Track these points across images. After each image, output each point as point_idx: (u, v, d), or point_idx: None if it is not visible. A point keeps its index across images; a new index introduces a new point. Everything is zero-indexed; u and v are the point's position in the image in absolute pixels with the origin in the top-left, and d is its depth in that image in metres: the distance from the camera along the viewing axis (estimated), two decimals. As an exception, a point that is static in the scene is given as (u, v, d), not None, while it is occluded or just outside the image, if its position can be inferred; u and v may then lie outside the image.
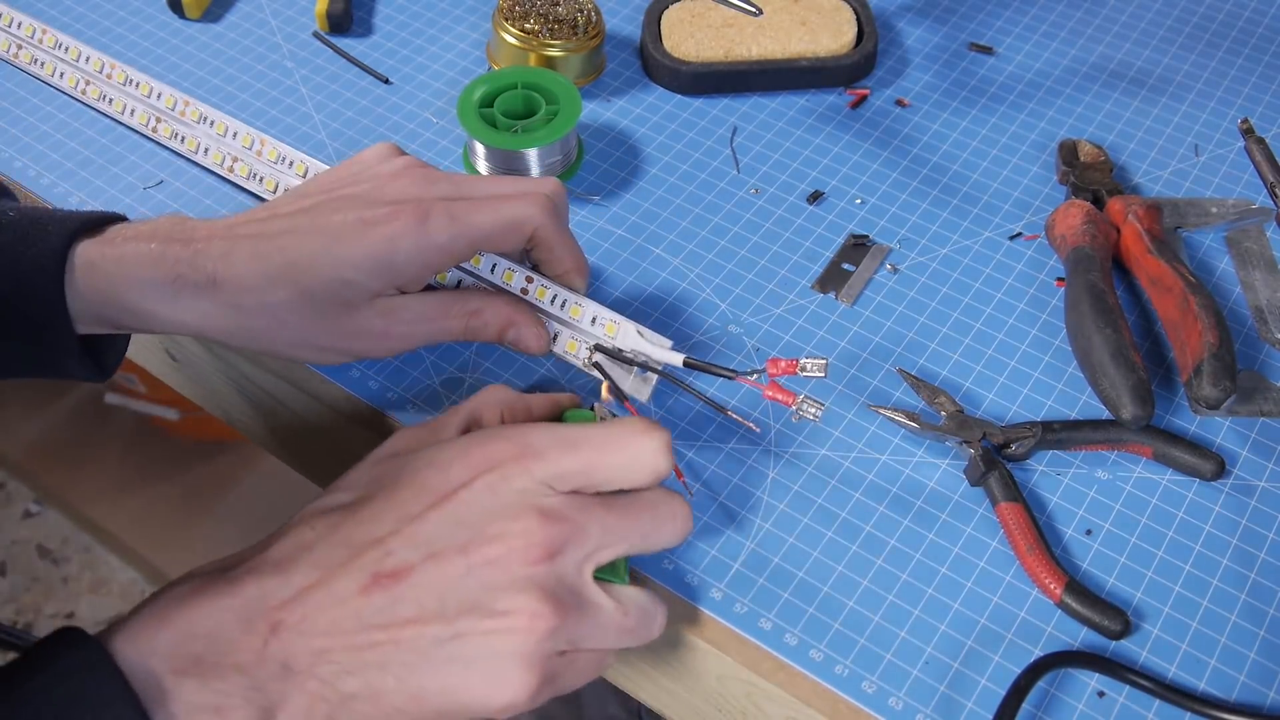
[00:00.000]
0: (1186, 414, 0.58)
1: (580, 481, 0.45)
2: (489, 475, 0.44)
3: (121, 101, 0.70)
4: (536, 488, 0.44)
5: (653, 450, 0.45)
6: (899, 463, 0.56)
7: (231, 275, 0.51)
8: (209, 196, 0.68)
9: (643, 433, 0.45)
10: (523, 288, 0.58)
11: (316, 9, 0.77)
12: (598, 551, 0.45)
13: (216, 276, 0.51)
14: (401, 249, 0.51)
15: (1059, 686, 0.50)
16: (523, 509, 0.43)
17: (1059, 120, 0.73)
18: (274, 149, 0.66)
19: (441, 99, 0.74)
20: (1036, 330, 0.62)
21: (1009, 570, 0.53)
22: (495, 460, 0.44)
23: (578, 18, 0.72)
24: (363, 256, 0.51)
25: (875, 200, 0.68)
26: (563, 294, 0.57)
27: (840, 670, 0.50)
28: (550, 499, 0.44)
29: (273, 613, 0.42)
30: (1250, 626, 0.51)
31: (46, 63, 0.73)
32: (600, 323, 0.57)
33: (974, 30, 0.78)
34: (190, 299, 0.51)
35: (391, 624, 0.42)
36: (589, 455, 0.45)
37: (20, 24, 0.74)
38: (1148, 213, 0.63)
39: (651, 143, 0.71)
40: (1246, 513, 0.55)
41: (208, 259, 0.51)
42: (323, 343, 0.54)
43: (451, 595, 0.42)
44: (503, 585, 0.42)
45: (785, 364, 0.53)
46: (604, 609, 0.45)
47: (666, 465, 0.46)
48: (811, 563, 0.53)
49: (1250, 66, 0.76)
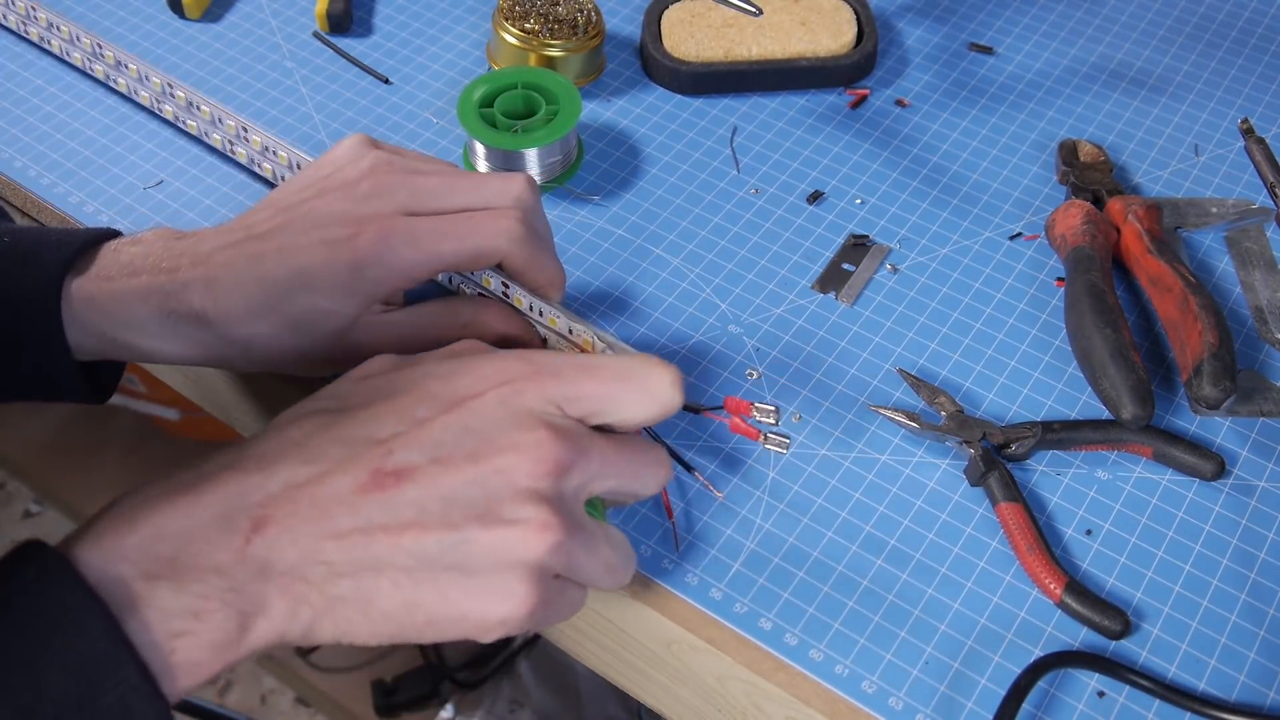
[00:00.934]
0: (1186, 414, 0.58)
1: (592, 407, 0.44)
2: (502, 389, 0.43)
3: (125, 82, 0.70)
4: (547, 407, 0.43)
5: (668, 382, 0.45)
6: (899, 463, 0.56)
7: (218, 311, 0.50)
8: (210, 196, 0.68)
9: (657, 366, 0.45)
10: (502, 291, 0.57)
11: (316, 9, 0.77)
12: (593, 481, 0.44)
13: (204, 312, 0.50)
14: (367, 275, 0.50)
15: (1059, 686, 0.50)
16: (535, 422, 0.42)
17: (1059, 120, 0.73)
18: (258, 138, 0.65)
19: (441, 99, 0.74)
20: (1036, 330, 0.62)
21: (1009, 570, 0.53)
22: (509, 375, 0.44)
23: (578, 18, 0.72)
24: (331, 285, 0.50)
25: (875, 200, 0.68)
26: (539, 303, 0.56)
27: (840, 670, 0.50)
28: (560, 419, 0.43)
29: (256, 509, 0.40)
30: (1250, 626, 0.51)
31: (52, 40, 0.73)
32: (576, 334, 0.55)
33: (974, 30, 0.78)
34: (186, 332, 0.50)
35: (391, 525, 0.40)
36: (605, 381, 0.44)
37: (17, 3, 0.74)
38: (1148, 213, 0.63)
39: (651, 143, 0.71)
40: (1246, 513, 0.55)
41: (193, 293, 0.50)
42: (322, 360, 0.53)
43: (457, 501, 0.41)
44: (511, 495, 0.41)
45: (743, 405, 0.57)
46: (597, 537, 0.44)
47: (678, 399, 0.45)
48: (811, 563, 0.53)
49: (1250, 66, 0.76)
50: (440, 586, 0.41)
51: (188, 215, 0.67)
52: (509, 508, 0.41)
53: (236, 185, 0.68)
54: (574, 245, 0.65)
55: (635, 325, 0.62)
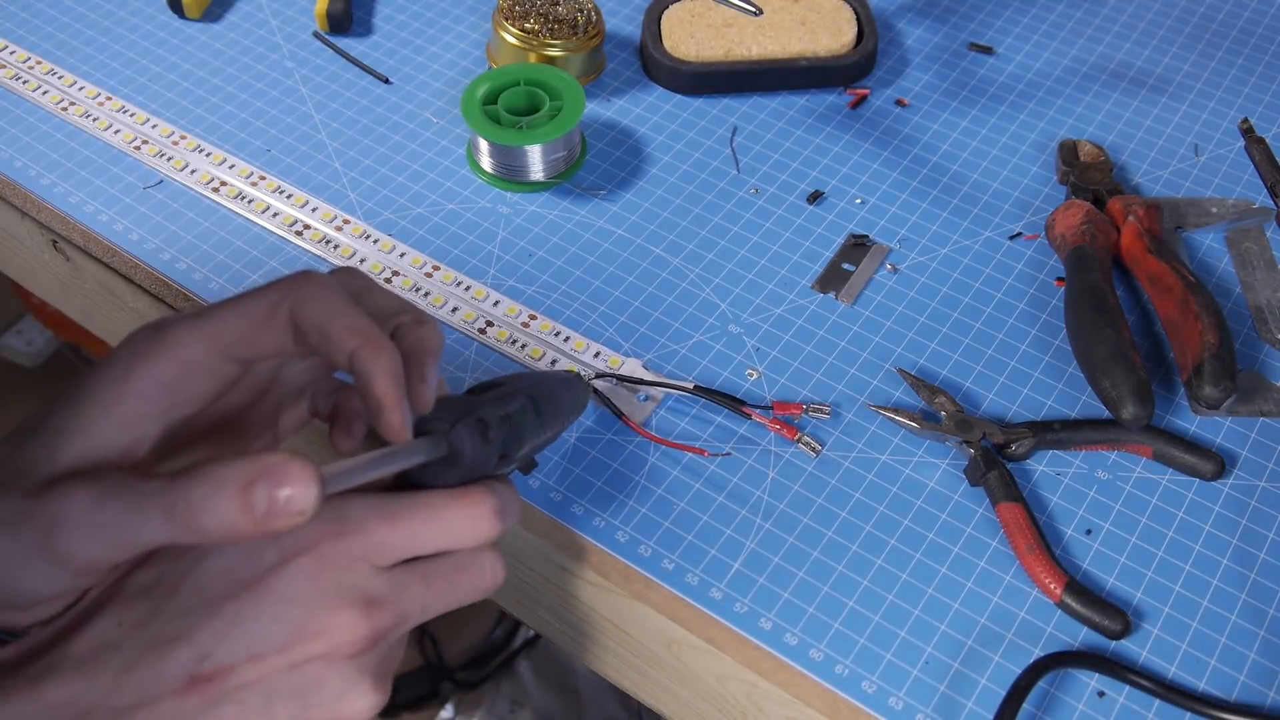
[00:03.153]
0: (1186, 414, 0.58)
1: (403, 552, 0.42)
2: (302, 559, 0.40)
3: (106, 120, 0.70)
4: (355, 568, 0.41)
5: (474, 518, 0.42)
6: (899, 463, 0.56)
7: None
8: (210, 195, 0.68)
9: (464, 500, 0.42)
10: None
11: (316, 9, 0.77)
12: (413, 624, 0.43)
13: None
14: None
15: (1059, 686, 0.50)
16: (342, 600, 0.40)
17: (1059, 120, 0.73)
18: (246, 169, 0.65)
19: (441, 99, 0.74)
20: (1036, 330, 0.62)
21: (1009, 570, 0.53)
22: (307, 543, 0.40)
23: (578, 17, 0.72)
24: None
25: (875, 200, 0.68)
26: (565, 330, 0.56)
27: (840, 670, 0.50)
28: (370, 582, 0.41)
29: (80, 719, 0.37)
30: (1250, 626, 0.51)
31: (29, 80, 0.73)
32: (603, 357, 0.56)
33: (974, 30, 0.78)
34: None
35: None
36: (412, 527, 0.42)
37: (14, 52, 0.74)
38: (1148, 213, 0.63)
39: (651, 143, 0.71)
40: (1246, 513, 0.55)
41: None
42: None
43: (277, 692, 0.40)
44: (329, 678, 0.40)
45: (791, 406, 0.57)
46: (431, 605, 0.43)
47: (492, 531, 0.42)
48: (811, 563, 0.53)
49: (1250, 66, 0.76)
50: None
51: (188, 215, 0.67)
52: (328, 689, 0.40)
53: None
54: (574, 245, 0.65)
55: (635, 325, 0.62)
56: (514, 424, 0.45)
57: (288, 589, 0.40)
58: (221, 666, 0.39)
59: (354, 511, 0.41)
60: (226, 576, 0.40)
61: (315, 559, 0.40)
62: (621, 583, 0.52)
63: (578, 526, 0.54)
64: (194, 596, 0.40)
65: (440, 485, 0.43)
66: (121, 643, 0.39)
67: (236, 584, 0.40)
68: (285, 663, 0.39)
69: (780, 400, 0.58)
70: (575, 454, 0.56)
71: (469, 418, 0.43)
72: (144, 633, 0.39)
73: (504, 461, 0.45)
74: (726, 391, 0.58)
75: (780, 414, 0.57)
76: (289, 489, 0.36)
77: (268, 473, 0.36)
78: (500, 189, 0.68)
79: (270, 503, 0.36)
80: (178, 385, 0.42)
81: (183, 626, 0.39)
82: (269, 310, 0.42)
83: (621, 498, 0.55)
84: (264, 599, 0.40)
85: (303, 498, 0.37)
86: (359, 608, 0.40)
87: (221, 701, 0.39)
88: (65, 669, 0.38)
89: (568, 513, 0.54)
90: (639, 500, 0.55)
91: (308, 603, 0.40)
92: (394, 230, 0.66)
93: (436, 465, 0.42)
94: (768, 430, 0.57)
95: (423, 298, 0.63)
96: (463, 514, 0.42)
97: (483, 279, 0.64)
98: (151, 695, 0.38)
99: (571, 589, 0.55)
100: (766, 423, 0.57)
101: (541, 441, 0.48)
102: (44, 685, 0.38)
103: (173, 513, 0.37)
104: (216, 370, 0.42)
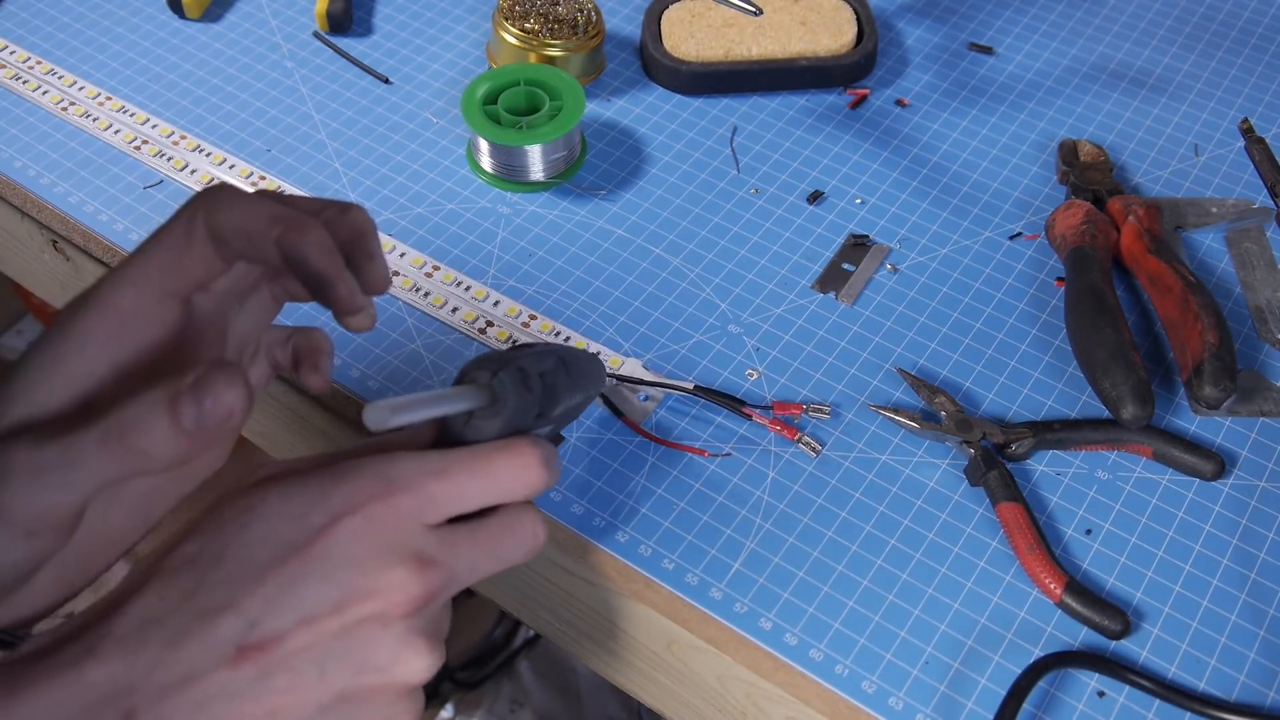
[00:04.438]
0: (1186, 414, 0.58)
1: (452, 508, 0.41)
2: (351, 519, 0.39)
3: (106, 120, 0.70)
4: (405, 527, 0.40)
5: (523, 467, 0.42)
6: (899, 463, 0.56)
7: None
8: (209, 196, 0.68)
9: (518, 453, 0.42)
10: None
11: (316, 9, 0.77)
12: (463, 584, 0.42)
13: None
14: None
15: (1059, 686, 0.50)
16: (394, 558, 0.40)
17: (1059, 120, 0.73)
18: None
19: (441, 99, 0.74)
20: (1036, 330, 0.62)
21: (1009, 570, 0.53)
22: (356, 500, 0.40)
23: (578, 17, 0.72)
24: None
25: (875, 200, 0.68)
26: (565, 329, 0.56)
27: (840, 670, 0.50)
28: (421, 540, 0.41)
29: (123, 699, 0.37)
30: (1250, 626, 0.51)
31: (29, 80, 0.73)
32: (604, 358, 0.56)
33: (974, 30, 0.78)
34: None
35: (265, 696, 0.38)
36: (461, 481, 0.41)
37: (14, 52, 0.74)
38: (1148, 213, 0.63)
39: (651, 143, 0.71)
40: (1246, 513, 0.55)
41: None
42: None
43: (330, 658, 0.39)
44: (383, 640, 0.39)
45: (791, 406, 0.57)
46: (477, 569, 0.42)
47: (539, 481, 0.42)
48: (811, 563, 0.53)
49: (1250, 66, 0.76)
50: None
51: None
52: (386, 652, 0.40)
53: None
54: (574, 245, 0.65)
55: (635, 325, 0.62)
56: (548, 381, 0.45)
57: (337, 550, 0.39)
58: (272, 634, 0.38)
59: (400, 469, 0.41)
60: (272, 542, 0.39)
61: (364, 518, 0.40)
62: (622, 583, 0.52)
63: (578, 527, 0.54)
64: (239, 565, 0.39)
65: (482, 441, 0.43)
66: (165, 617, 0.38)
67: (283, 549, 0.39)
68: (338, 625, 0.39)
69: (780, 400, 0.58)
70: (575, 454, 0.56)
71: (509, 366, 0.43)
72: (189, 605, 0.38)
73: (540, 420, 0.45)
74: (726, 392, 0.58)
75: (780, 414, 0.57)
76: (213, 394, 0.37)
77: (192, 384, 0.37)
78: (500, 189, 0.68)
79: (199, 410, 0.37)
80: (116, 335, 0.41)
81: (229, 595, 0.38)
82: (185, 230, 0.42)
83: (622, 498, 0.55)
84: (313, 562, 0.39)
85: (228, 399, 0.37)
86: (411, 565, 0.40)
87: (274, 670, 0.38)
88: (106, 648, 0.37)
89: (568, 513, 0.54)
90: (639, 500, 0.55)
91: (359, 563, 0.39)
92: (394, 230, 0.66)
93: (477, 420, 0.42)
94: (768, 430, 0.57)
95: (423, 298, 0.63)
96: (510, 464, 0.42)
97: (483, 279, 0.64)
98: (200, 668, 0.37)
99: (571, 589, 0.55)
100: (766, 423, 0.57)
101: (573, 405, 0.48)
102: (84, 666, 0.37)
103: (107, 439, 0.37)
104: (154, 313, 0.42)
